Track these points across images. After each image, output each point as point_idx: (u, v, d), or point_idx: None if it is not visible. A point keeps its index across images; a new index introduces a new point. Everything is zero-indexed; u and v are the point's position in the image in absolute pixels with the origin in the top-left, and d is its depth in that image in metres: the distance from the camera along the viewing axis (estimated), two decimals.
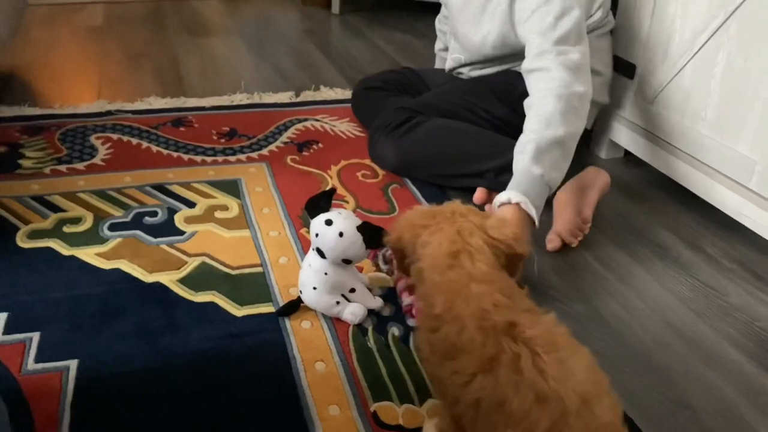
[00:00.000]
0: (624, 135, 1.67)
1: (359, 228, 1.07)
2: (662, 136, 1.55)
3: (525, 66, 1.42)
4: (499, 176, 1.47)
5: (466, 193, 1.51)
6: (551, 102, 1.32)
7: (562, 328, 0.74)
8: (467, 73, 1.72)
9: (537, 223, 1.25)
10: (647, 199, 1.58)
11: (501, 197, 1.25)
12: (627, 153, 1.72)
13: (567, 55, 1.38)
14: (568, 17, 1.40)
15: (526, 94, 1.41)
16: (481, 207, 1.47)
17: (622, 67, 1.63)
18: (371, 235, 1.07)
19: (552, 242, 1.35)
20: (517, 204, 1.22)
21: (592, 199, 1.40)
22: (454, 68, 1.76)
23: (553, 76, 1.34)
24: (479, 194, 1.48)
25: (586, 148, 1.78)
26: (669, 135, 1.53)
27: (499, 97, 1.59)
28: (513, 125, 1.55)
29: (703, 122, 1.44)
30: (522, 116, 1.53)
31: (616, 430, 0.69)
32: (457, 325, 0.73)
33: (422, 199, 1.51)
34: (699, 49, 1.41)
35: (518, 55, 1.52)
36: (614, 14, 1.64)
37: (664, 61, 1.52)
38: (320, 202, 1.11)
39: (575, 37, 1.41)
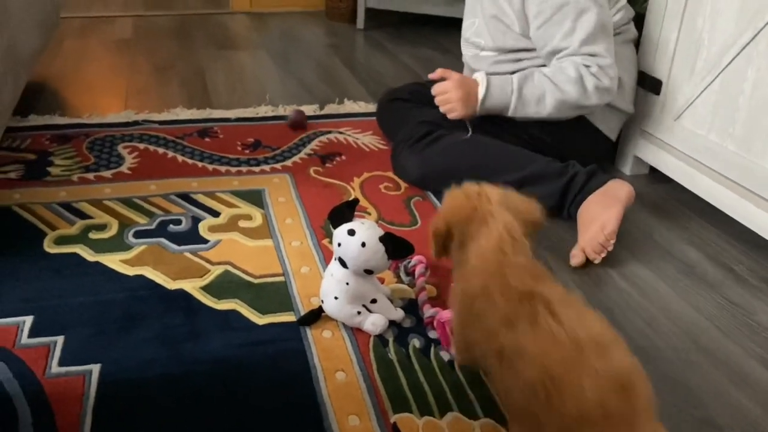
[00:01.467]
0: (649, 151, 1.65)
1: (382, 238, 1.06)
2: (688, 152, 1.53)
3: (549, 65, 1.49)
4: (521, 189, 1.45)
5: None
6: (568, 83, 1.44)
7: (578, 295, 0.85)
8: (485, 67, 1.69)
9: (480, 95, 1.49)
10: (672, 215, 1.56)
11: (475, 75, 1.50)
12: (652, 169, 1.70)
13: (594, 57, 1.44)
14: (586, 16, 1.42)
15: None
16: None
17: (648, 82, 1.61)
18: (394, 246, 1.07)
19: (576, 257, 1.34)
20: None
21: (616, 213, 1.38)
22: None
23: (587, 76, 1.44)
24: None
25: (611, 164, 1.76)
26: (695, 151, 1.51)
27: None
28: (535, 137, 1.54)
29: (731, 138, 1.42)
30: (544, 129, 1.53)
31: (638, 373, 0.73)
32: (490, 298, 0.85)
33: None
34: (727, 65, 1.40)
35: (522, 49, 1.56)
36: (639, 28, 1.63)
37: (691, 76, 1.50)
38: (343, 212, 1.11)
39: (599, 34, 1.43)
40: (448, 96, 1.52)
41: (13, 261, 1.25)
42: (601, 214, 1.36)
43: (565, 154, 1.54)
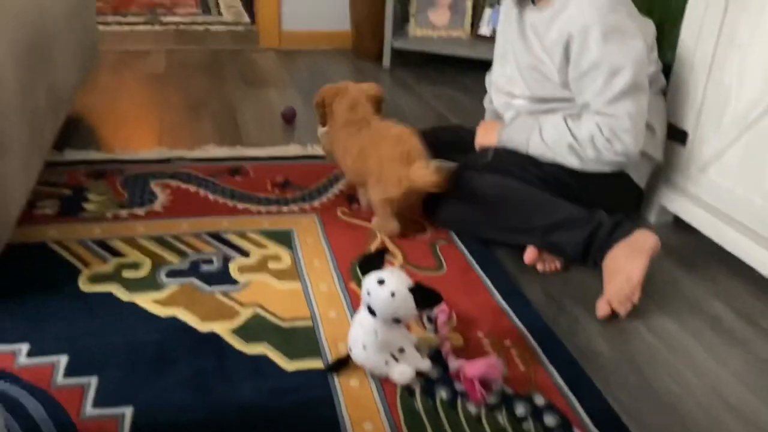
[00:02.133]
0: (674, 200, 1.65)
1: (411, 288, 1.07)
2: (714, 203, 1.54)
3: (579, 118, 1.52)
4: (547, 235, 1.46)
5: (515, 252, 1.51)
6: (589, 145, 1.49)
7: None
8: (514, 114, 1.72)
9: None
10: (698, 266, 1.55)
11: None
12: (677, 217, 1.70)
13: (613, 119, 1.45)
14: (620, 76, 1.43)
15: None
16: (532, 266, 1.48)
17: (673, 132, 1.62)
18: (422, 296, 1.08)
19: (602, 309, 1.34)
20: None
21: (641, 264, 1.38)
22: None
23: (599, 134, 1.47)
24: (530, 254, 1.48)
25: (636, 210, 1.77)
26: (721, 203, 1.51)
27: None
28: (563, 182, 1.55)
29: (758, 192, 1.42)
30: (572, 172, 1.54)
31: (411, 134, 1.55)
32: (347, 128, 1.64)
33: (470, 257, 1.51)
34: (755, 120, 1.40)
35: (555, 99, 1.58)
36: (666, 77, 1.64)
37: (718, 129, 1.51)
38: (373, 261, 1.13)
39: (628, 95, 1.44)
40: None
41: (50, 298, 1.27)
42: (626, 265, 1.36)
43: (593, 198, 1.55)
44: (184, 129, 2.16)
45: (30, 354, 1.13)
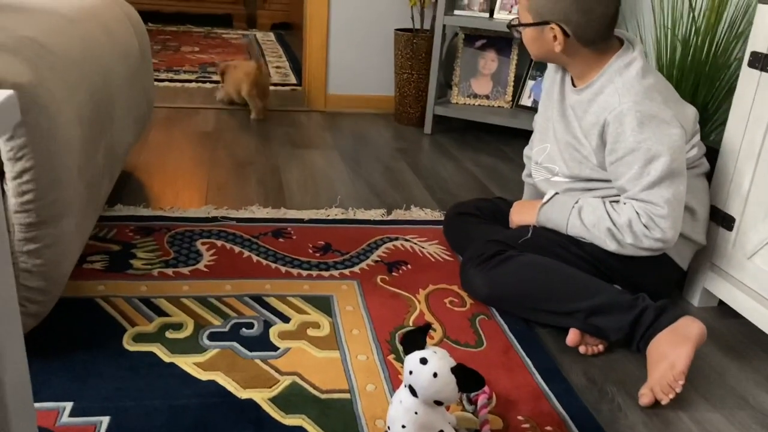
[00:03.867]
0: (719, 285, 1.62)
1: (453, 370, 1.06)
2: (761, 291, 1.50)
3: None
4: (589, 318, 1.44)
5: (557, 330, 1.49)
6: (627, 230, 1.47)
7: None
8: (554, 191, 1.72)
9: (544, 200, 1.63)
10: (744, 355, 1.50)
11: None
12: (722, 302, 1.66)
13: (650, 206, 1.44)
14: (656, 163, 1.42)
15: None
16: (575, 348, 1.45)
17: (720, 217, 1.60)
18: (465, 378, 1.06)
19: (644, 397, 1.30)
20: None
21: (686, 352, 1.34)
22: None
23: (637, 219, 1.46)
24: (572, 336, 1.45)
25: (679, 292, 1.73)
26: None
27: None
28: (605, 263, 1.53)
29: None
30: (613, 255, 1.52)
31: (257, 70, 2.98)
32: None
33: (510, 334, 1.49)
34: None
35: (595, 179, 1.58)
36: (709, 161, 1.63)
37: (766, 217, 1.48)
38: (416, 339, 1.12)
39: (665, 181, 1.43)
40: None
41: (95, 356, 1.29)
42: (670, 352, 1.33)
43: (635, 279, 1.53)
44: (230, 188, 2.21)
45: (73, 413, 1.13)
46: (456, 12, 2.95)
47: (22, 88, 1.09)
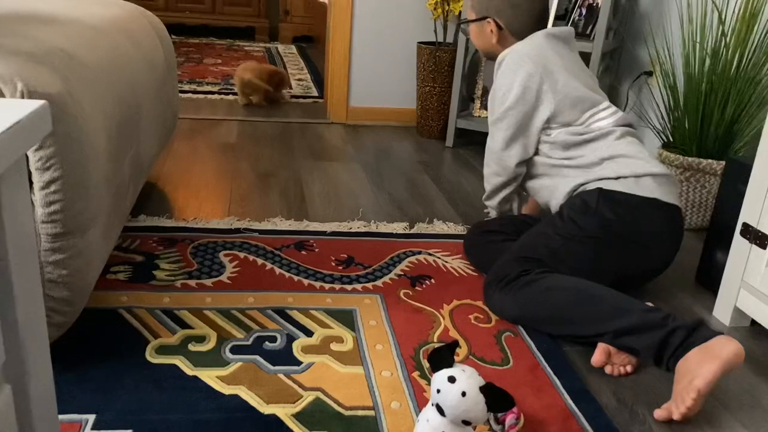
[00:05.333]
0: (752, 304, 1.57)
1: (483, 389, 1.03)
2: None
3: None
4: (618, 338, 1.40)
5: (587, 350, 1.45)
6: None
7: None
8: None
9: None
10: None
11: None
12: (754, 322, 1.61)
13: None
14: None
15: (596, 200, 1.62)
16: (600, 368, 1.42)
17: (753, 235, 1.56)
18: (494, 398, 1.03)
19: (659, 411, 1.26)
20: None
21: (710, 370, 1.27)
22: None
23: None
24: (598, 356, 1.41)
25: (707, 313, 1.68)
26: None
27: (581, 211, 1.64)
28: (606, 233, 1.58)
29: None
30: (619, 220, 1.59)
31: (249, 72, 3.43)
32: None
33: (537, 351, 1.45)
34: None
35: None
36: (738, 174, 1.59)
37: None
38: (444, 356, 1.09)
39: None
40: None
41: (118, 368, 1.28)
42: (696, 369, 1.28)
43: (641, 237, 1.60)
44: (253, 199, 2.20)
45: (95, 426, 1.12)
46: None
47: (52, 98, 1.09)
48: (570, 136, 1.71)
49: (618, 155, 1.65)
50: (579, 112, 1.72)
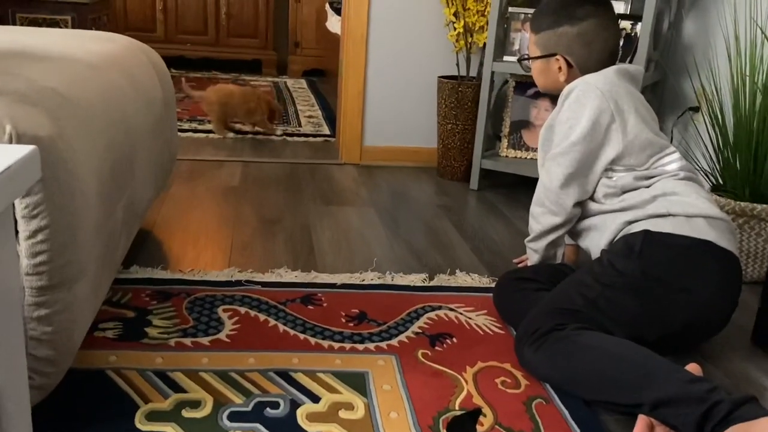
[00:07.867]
0: None
1: None
2: None
3: None
4: (656, 410, 1.38)
5: (627, 419, 1.44)
6: None
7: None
8: None
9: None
10: None
11: None
12: None
13: None
14: None
15: (641, 242, 1.63)
16: None
17: None
18: None
19: None
20: None
21: None
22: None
23: None
24: (639, 430, 1.39)
25: (766, 378, 1.66)
26: None
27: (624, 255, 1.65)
28: (649, 280, 1.59)
29: None
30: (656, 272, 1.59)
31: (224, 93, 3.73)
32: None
33: (571, 420, 1.44)
34: None
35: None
36: None
37: None
38: (465, 425, 1.09)
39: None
40: None
41: None
42: None
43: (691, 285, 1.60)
44: (256, 248, 2.23)
45: None
46: (506, 58, 3.00)
47: (42, 142, 1.14)
48: (634, 180, 1.73)
49: (672, 193, 1.68)
50: (647, 156, 1.74)
